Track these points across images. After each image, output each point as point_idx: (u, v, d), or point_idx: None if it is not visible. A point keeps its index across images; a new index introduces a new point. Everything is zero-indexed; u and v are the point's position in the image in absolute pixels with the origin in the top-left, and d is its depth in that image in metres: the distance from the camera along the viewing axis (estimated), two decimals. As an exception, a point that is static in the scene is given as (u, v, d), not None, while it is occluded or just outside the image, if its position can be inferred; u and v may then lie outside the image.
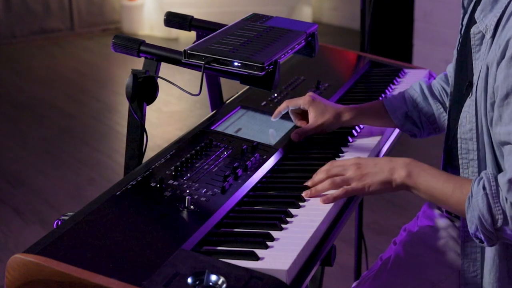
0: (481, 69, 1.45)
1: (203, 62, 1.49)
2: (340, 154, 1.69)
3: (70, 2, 6.73)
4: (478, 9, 1.48)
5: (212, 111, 1.88)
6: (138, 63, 1.59)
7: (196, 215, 1.34)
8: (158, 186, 1.41)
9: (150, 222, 1.31)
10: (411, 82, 2.15)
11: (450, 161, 1.65)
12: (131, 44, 1.58)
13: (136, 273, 1.14)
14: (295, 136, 1.73)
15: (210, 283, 1.12)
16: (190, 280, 1.12)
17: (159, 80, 1.58)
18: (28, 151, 4.34)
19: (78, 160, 4.22)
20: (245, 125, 1.79)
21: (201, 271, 1.14)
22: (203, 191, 1.42)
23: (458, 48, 1.63)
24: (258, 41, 1.60)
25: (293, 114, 1.80)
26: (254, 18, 1.78)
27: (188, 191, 1.41)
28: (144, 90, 1.55)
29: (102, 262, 1.16)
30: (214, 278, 1.12)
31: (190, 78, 5.03)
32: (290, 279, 1.21)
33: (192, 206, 1.35)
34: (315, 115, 1.75)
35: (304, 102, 1.76)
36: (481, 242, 1.39)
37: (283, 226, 1.36)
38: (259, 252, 1.25)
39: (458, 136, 1.53)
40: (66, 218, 1.30)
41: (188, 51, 1.52)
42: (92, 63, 6.08)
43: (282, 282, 1.17)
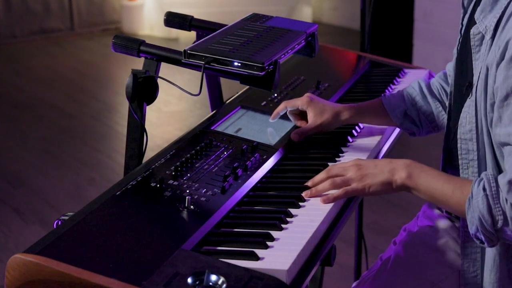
0: (481, 69, 1.45)
1: (203, 62, 1.49)
2: (340, 154, 1.69)
3: (70, 2, 6.73)
4: (478, 9, 1.47)
5: (212, 111, 1.88)
6: (138, 63, 1.58)
7: (196, 215, 1.34)
8: (158, 186, 1.41)
9: (150, 222, 1.31)
10: (411, 82, 2.14)
11: (450, 161, 1.64)
12: (131, 44, 1.58)
13: (136, 273, 1.14)
14: (295, 136, 1.73)
15: (210, 283, 1.12)
16: (190, 280, 1.12)
17: (159, 80, 1.58)
18: (28, 151, 4.34)
19: (78, 160, 4.22)
20: (245, 125, 1.79)
21: (201, 271, 1.14)
22: (203, 191, 1.42)
23: (458, 48, 1.62)
24: (258, 41, 1.60)
25: (291, 115, 1.80)
26: (254, 18, 1.78)
27: (188, 191, 1.41)
28: (144, 90, 1.55)
29: (102, 262, 1.16)
30: (214, 278, 1.12)
31: (190, 78, 5.03)
32: (290, 279, 1.21)
33: (192, 206, 1.35)
34: (314, 115, 1.74)
35: (302, 103, 1.76)
36: (481, 242, 1.39)
37: (283, 226, 1.36)
38: (259, 252, 1.25)
39: (458, 136, 1.53)
40: (66, 218, 1.30)
41: (188, 51, 1.51)
42: (92, 63, 6.08)
43: (282, 282, 1.17)
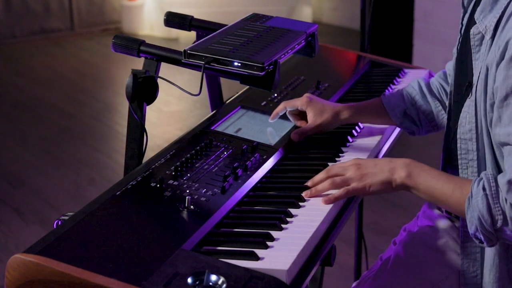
0: (480, 69, 1.45)
1: (203, 62, 1.49)
2: (340, 154, 1.69)
3: (70, 2, 6.73)
4: (478, 9, 1.47)
5: (212, 111, 1.88)
6: (138, 63, 1.58)
7: (196, 215, 1.34)
8: (158, 186, 1.41)
9: (150, 222, 1.31)
10: (411, 82, 2.15)
11: (449, 161, 1.64)
12: (131, 44, 1.58)
13: (136, 273, 1.14)
14: (295, 136, 1.73)
15: (210, 283, 1.12)
16: (190, 280, 1.12)
17: (159, 80, 1.58)
18: (28, 151, 4.34)
19: (78, 160, 4.22)
20: (245, 125, 1.79)
21: (201, 271, 1.14)
22: (203, 191, 1.42)
23: (458, 47, 1.62)
24: (258, 41, 1.60)
25: (291, 115, 1.80)
26: (254, 18, 1.78)
27: (188, 191, 1.41)
28: (144, 90, 1.55)
29: (102, 262, 1.16)
30: (214, 278, 1.12)
31: (190, 78, 5.03)
32: (290, 279, 1.21)
33: (192, 206, 1.35)
34: (314, 115, 1.74)
35: (301, 103, 1.76)
36: (481, 242, 1.39)
37: (283, 226, 1.36)
38: (259, 252, 1.25)
39: (458, 136, 1.53)
40: (66, 218, 1.30)
41: (188, 51, 1.51)
42: (92, 63, 6.08)
43: (282, 282, 1.17)
